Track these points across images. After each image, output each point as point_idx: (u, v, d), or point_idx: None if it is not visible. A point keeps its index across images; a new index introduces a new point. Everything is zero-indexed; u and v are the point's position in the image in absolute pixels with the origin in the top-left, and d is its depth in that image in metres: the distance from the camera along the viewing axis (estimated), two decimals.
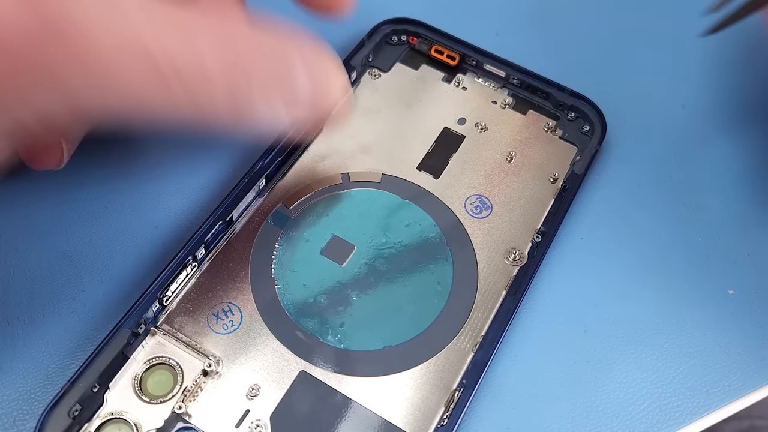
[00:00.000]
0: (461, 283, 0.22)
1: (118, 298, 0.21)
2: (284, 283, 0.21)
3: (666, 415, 0.20)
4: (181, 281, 0.21)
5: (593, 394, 0.21)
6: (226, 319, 0.20)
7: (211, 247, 0.22)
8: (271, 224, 0.22)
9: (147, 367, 0.19)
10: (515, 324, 0.22)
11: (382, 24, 0.27)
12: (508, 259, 0.22)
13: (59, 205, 0.23)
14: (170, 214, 0.23)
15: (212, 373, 0.19)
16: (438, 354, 0.20)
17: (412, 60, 0.27)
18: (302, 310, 0.21)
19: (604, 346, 0.21)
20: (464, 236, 0.23)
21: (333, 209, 0.23)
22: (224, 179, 0.24)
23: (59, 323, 0.21)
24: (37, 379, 0.20)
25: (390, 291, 0.21)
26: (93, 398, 0.18)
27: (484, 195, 0.24)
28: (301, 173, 0.24)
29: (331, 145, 0.24)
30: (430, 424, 0.19)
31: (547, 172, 0.24)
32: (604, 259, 0.23)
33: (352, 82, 0.26)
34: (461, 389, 0.20)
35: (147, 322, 0.20)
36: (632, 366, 0.21)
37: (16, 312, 0.21)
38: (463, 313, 0.21)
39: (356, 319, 0.21)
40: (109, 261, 0.22)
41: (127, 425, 0.18)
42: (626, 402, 0.21)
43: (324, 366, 0.20)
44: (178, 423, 0.19)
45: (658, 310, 0.22)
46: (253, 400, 0.19)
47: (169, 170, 0.24)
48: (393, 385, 0.20)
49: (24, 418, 0.19)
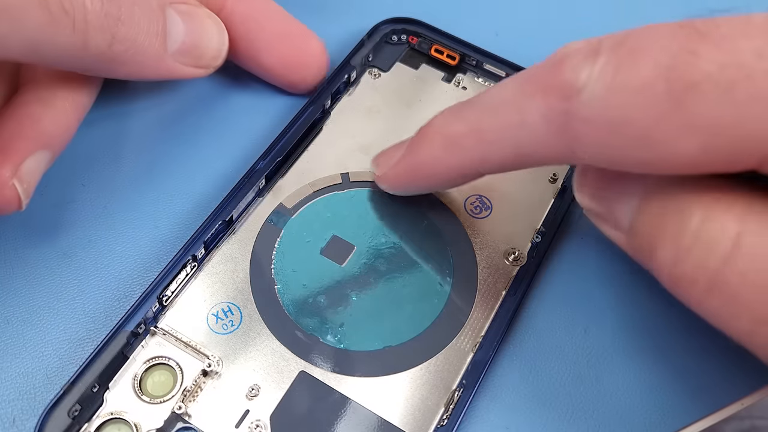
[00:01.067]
0: (461, 283, 0.22)
1: (118, 298, 0.21)
2: (284, 283, 0.21)
3: (666, 415, 0.20)
4: (181, 281, 0.21)
5: (593, 394, 0.21)
6: (225, 319, 0.20)
7: (211, 247, 0.22)
8: (271, 224, 0.22)
9: (147, 368, 0.19)
10: (515, 324, 0.22)
11: (382, 24, 0.27)
12: (508, 259, 0.22)
13: (59, 205, 0.23)
14: (170, 214, 0.23)
15: (212, 373, 0.19)
16: (438, 354, 0.20)
17: (412, 60, 0.27)
18: (302, 310, 0.21)
19: (604, 346, 0.21)
20: (464, 236, 0.23)
21: (333, 209, 0.23)
22: (224, 179, 0.24)
23: (59, 323, 0.21)
24: (37, 379, 0.20)
25: (390, 291, 0.21)
26: (93, 398, 0.18)
27: (484, 195, 0.24)
28: (301, 173, 0.24)
29: (331, 145, 0.24)
30: (429, 424, 0.19)
31: (547, 172, 0.24)
32: (605, 258, 0.23)
33: (352, 82, 0.26)
34: (461, 389, 0.20)
35: (147, 322, 0.20)
36: (632, 366, 0.21)
37: (16, 312, 0.21)
38: (463, 313, 0.21)
39: (356, 319, 0.21)
40: (109, 261, 0.22)
41: (127, 425, 0.18)
42: (626, 402, 0.21)
43: (324, 366, 0.20)
44: (177, 423, 0.19)
45: (658, 309, 0.22)
46: (253, 400, 0.19)
47: (169, 170, 0.24)
48: (393, 385, 0.20)
49: (24, 418, 0.19)
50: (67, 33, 0.18)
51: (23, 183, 0.19)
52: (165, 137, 0.25)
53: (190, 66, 0.22)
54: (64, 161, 0.23)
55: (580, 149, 0.15)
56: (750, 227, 0.14)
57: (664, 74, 0.13)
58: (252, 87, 0.26)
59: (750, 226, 0.14)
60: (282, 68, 0.25)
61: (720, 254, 0.14)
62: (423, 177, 0.20)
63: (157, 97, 0.26)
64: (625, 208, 0.17)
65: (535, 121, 0.16)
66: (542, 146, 0.16)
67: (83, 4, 0.18)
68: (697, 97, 0.13)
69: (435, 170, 0.20)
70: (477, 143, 0.18)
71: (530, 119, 0.16)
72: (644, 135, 0.14)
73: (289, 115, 0.25)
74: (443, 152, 0.19)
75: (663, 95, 0.13)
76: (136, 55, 0.20)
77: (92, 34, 0.18)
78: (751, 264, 0.14)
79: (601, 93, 0.14)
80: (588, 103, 0.14)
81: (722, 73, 0.13)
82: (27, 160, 0.19)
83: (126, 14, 0.19)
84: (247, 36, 0.24)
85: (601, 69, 0.14)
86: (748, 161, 0.13)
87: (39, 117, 0.20)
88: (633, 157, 0.15)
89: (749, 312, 0.14)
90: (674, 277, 0.15)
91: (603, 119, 0.14)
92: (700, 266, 0.14)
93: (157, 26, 0.20)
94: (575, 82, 0.15)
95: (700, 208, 0.15)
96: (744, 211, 0.14)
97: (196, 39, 0.22)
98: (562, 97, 0.15)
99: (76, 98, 0.21)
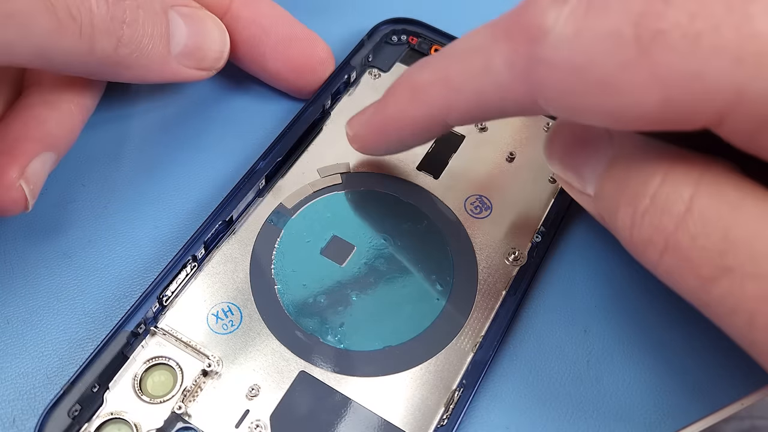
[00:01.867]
0: (461, 283, 0.22)
1: (118, 298, 0.21)
2: (284, 283, 0.21)
3: (666, 415, 0.20)
4: (181, 281, 0.21)
5: (593, 394, 0.21)
6: (226, 319, 0.20)
7: (211, 247, 0.22)
8: (271, 224, 0.22)
9: (147, 368, 0.19)
10: (515, 324, 0.22)
11: (382, 24, 0.27)
12: (508, 259, 0.22)
13: (59, 205, 0.23)
14: (170, 214, 0.23)
15: (212, 373, 0.19)
16: (438, 354, 0.20)
17: (412, 60, 0.27)
18: (302, 310, 0.21)
19: (604, 346, 0.21)
20: (464, 236, 0.23)
21: (333, 209, 0.23)
22: (224, 179, 0.24)
23: (59, 323, 0.21)
24: (37, 379, 0.20)
25: (390, 291, 0.21)
26: (93, 398, 0.18)
27: (484, 195, 0.24)
28: (301, 173, 0.24)
29: (331, 145, 0.24)
30: (429, 424, 0.19)
31: (547, 172, 0.24)
32: (605, 258, 0.23)
33: (352, 83, 0.26)
34: (461, 389, 0.20)
35: (147, 322, 0.20)
36: (632, 366, 0.21)
37: (16, 312, 0.21)
38: (463, 313, 0.21)
39: (356, 319, 0.21)
40: (109, 261, 0.22)
41: (127, 425, 0.18)
42: (626, 402, 0.21)
43: (324, 366, 0.20)
44: (177, 423, 0.19)
45: (658, 309, 0.22)
46: (253, 400, 0.19)
47: (169, 170, 0.24)
48: (393, 385, 0.20)
49: (24, 418, 0.19)
50: (74, 38, 0.18)
51: (30, 184, 0.19)
52: (165, 138, 0.25)
53: (193, 68, 0.22)
54: (65, 161, 0.23)
55: (542, 96, 0.15)
56: (703, 191, 0.14)
57: (634, 20, 0.13)
58: (252, 89, 0.26)
59: (703, 189, 0.14)
60: (288, 73, 0.25)
61: (674, 217, 0.14)
62: (392, 131, 0.20)
63: (157, 99, 0.26)
64: (591, 173, 0.17)
65: (498, 65, 0.16)
66: (505, 92, 0.16)
67: (90, 9, 0.18)
68: (664, 45, 0.13)
69: (402, 123, 0.19)
70: (442, 91, 0.18)
71: (495, 64, 0.16)
72: (608, 82, 0.14)
73: (289, 116, 0.25)
74: (410, 103, 0.19)
75: (630, 42, 0.13)
76: (141, 58, 0.20)
77: (98, 37, 0.18)
78: (701, 228, 0.14)
79: (568, 36, 0.14)
80: (553, 46, 0.14)
81: (691, 23, 0.13)
82: (33, 162, 0.19)
83: (131, 17, 0.19)
84: (252, 41, 0.24)
85: (570, 11, 0.14)
86: (706, 117, 0.13)
87: (44, 119, 0.20)
88: (594, 107, 0.14)
89: (696, 273, 0.14)
90: (633, 239, 0.16)
91: (568, 63, 0.14)
92: (655, 228, 0.15)
93: (161, 29, 0.21)
94: (542, 24, 0.14)
95: (659, 172, 0.15)
96: (699, 176, 0.14)
97: (198, 41, 0.22)
98: (528, 41, 0.15)
99: (81, 101, 0.21)
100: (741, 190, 0.14)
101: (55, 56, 0.18)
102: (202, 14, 0.23)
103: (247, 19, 0.24)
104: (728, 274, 0.14)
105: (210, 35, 0.23)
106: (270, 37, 0.24)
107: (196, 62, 0.23)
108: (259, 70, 0.25)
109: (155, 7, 0.20)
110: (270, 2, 0.25)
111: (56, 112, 0.20)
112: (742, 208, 0.14)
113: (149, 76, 0.21)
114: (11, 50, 0.17)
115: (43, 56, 0.18)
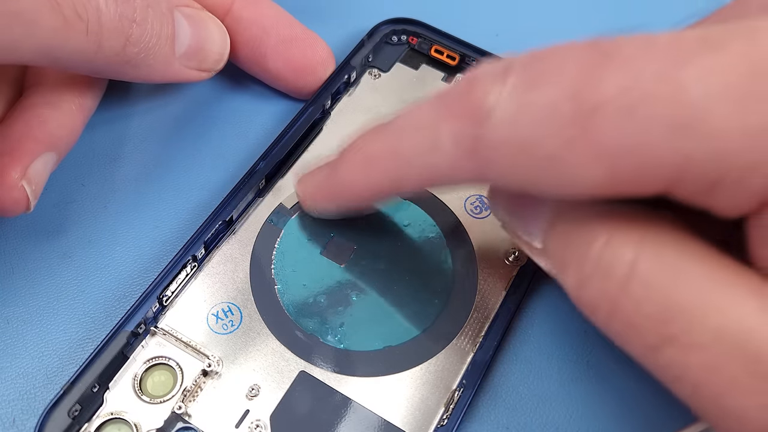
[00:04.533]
0: (461, 283, 0.22)
1: (118, 298, 0.21)
2: (284, 283, 0.21)
3: (666, 415, 0.20)
4: (181, 281, 0.21)
5: (593, 395, 0.21)
6: (226, 319, 0.20)
7: (211, 247, 0.22)
8: (271, 224, 0.22)
9: (147, 368, 0.19)
10: (515, 324, 0.22)
11: (382, 24, 0.27)
12: (508, 259, 0.22)
13: (59, 205, 0.23)
14: (170, 214, 0.23)
15: (212, 373, 0.19)
16: (438, 354, 0.20)
17: (412, 60, 0.27)
18: (302, 310, 0.21)
19: (604, 346, 0.21)
20: (464, 236, 0.23)
21: None
22: (224, 179, 0.24)
23: (59, 323, 0.21)
24: (37, 379, 0.20)
25: (390, 291, 0.21)
26: (93, 398, 0.18)
27: (484, 195, 0.24)
28: (302, 173, 0.24)
29: (332, 145, 0.24)
30: (429, 424, 0.19)
31: None
32: None
33: (352, 83, 0.26)
34: (461, 389, 0.20)
35: (147, 322, 0.20)
36: (632, 366, 0.21)
37: (16, 312, 0.21)
38: (463, 313, 0.21)
39: (356, 319, 0.21)
40: (109, 261, 0.22)
41: (127, 425, 0.18)
42: (626, 402, 0.21)
43: (324, 366, 0.20)
44: (177, 423, 0.19)
45: None
46: (253, 400, 0.19)
47: (169, 170, 0.24)
48: (393, 385, 0.20)
49: (24, 418, 0.19)
50: (80, 37, 0.18)
51: (31, 184, 0.19)
52: (165, 139, 0.25)
53: (194, 69, 0.23)
54: (65, 161, 0.22)
55: (490, 172, 0.15)
56: (646, 253, 0.14)
57: (570, 97, 0.13)
58: (252, 89, 0.26)
59: (646, 252, 0.14)
60: (288, 73, 0.25)
61: (617, 281, 0.14)
62: (344, 197, 0.20)
63: (157, 99, 0.26)
64: (535, 229, 0.17)
65: (445, 143, 0.16)
66: (454, 169, 0.16)
67: (97, 8, 0.18)
68: (601, 120, 0.13)
69: (355, 190, 0.19)
70: (394, 163, 0.18)
71: (442, 142, 0.16)
72: (552, 157, 0.14)
73: (289, 116, 0.25)
74: (362, 171, 0.19)
75: (569, 119, 0.13)
76: (148, 58, 0.20)
77: (106, 36, 0.18)
78: (643, 291, 0.14)
79: (510, 115, 0.14)
80: (496, 126, 0.14)
81: (623, 97, 0.13)
82: (35, 162, 0.19)
83: (141, 16, 0.19)
84: (253, 41, 0.24)
85: (512, 89, 0.14)
86: (655, 185, 0.13)
87: (46, 119, 0.20)
88: (541, 182, 0.14)
89: (641, 340, 0.14)
90: (581, 300, 0.15)
91: (511, 142, 0.14)
92: (601, 292, 0.14)
93: (168, 29, 0.21)
94: (484, 104, 0.14)
95: (602, 233, 0.15)
96: (641, 237, 0.14)
97: (201, 42, 0.22)
98: (471, 122, 0.15)
99: (82, 101, 0.21)
100: (683, 252, 0.14)
101: (61, 55, 0.18)
102: (204, 15, 0.23)
103: (248, 20, 0.24)
104: (672, 343, 0.13)
105: (211, 37, 0.23)
106: (270, 37, 0.24)
107: (198, 63, 0.23)
108: (259, 70, 0.25)
109: (162, 7, 0.20)
110: (270, 3, 0.25)
111: (57, 112, 0.20)
112: (683, 273, 0.14)
113: (153, 75, 0.21)
114: (17, 48, 0.17)
115: (49, 54, 0.18)
